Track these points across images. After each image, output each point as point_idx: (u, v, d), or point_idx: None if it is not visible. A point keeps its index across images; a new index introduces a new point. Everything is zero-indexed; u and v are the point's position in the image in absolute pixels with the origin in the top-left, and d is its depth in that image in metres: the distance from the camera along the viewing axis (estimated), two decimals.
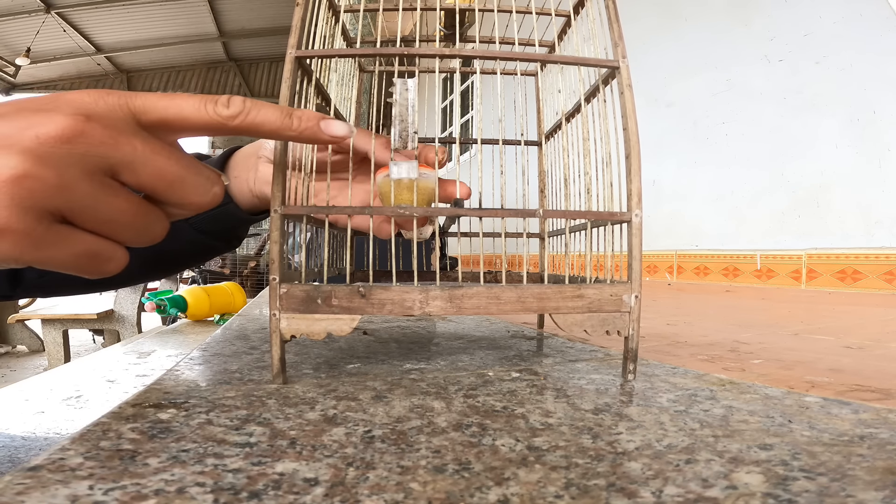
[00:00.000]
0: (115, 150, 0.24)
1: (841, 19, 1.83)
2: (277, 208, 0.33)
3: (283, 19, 7.62)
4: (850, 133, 1.81)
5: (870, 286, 1.70)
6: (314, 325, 0.34)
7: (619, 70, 0.38)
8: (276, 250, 0.34)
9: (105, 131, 0.24)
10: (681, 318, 0.91)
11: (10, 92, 8.09)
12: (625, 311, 0.36)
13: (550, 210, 0.37)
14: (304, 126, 0.30)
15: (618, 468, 0.21)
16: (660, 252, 2.55)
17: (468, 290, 0.34)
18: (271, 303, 0.33)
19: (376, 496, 0.18)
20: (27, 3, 6.33)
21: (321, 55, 0.36)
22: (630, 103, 0.38)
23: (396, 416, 0.29)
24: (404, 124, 0.38)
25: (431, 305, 0.34)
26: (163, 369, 0.40)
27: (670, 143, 2.53)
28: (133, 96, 0.26)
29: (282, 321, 0.33)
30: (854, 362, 0.50)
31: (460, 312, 0.34)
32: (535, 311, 0.36)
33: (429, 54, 0.37)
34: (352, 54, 0.36)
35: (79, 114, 0.24)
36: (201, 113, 0.28)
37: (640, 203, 0.37)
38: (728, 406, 0.31)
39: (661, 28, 2.60)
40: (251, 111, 0.29)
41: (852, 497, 0.18)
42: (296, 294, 0.33)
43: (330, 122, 0.30)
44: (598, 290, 0.36)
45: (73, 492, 0.18)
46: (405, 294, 0.34)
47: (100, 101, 0.25)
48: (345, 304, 0.33)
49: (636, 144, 0.37)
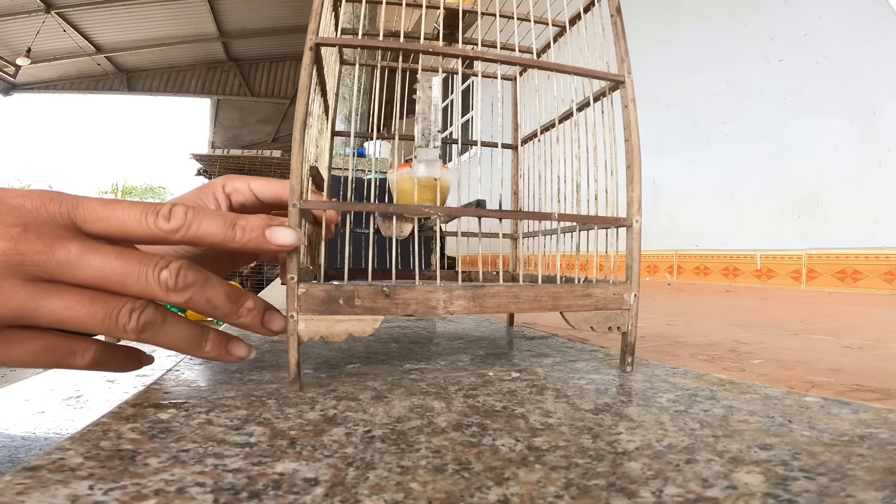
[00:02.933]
0: (49, 257, 0.25)
1: (841, 19, 1.83)
2: (296, 202, 0.32)
3: (282, 19, 7.62)
4: (850, 133, 1.81)
5: (870, 286, 1.70)
6: (335, 326, 0.32)
7: (625, 85, 0.39)
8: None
9: (39, 240, 0.25)
10: (681, 318, 0.91)
11: (10, 92, 8.09)
12: (625, 309, 0.39)
13: (564, 214, 0.39)
14: (247, 237, 0.30)
15: (618, 468, 0.21)
16: (660, 252, 2.55)
17: (489, 289, 0.35)
18: (289, 303, 0.32)
19: (376, 496, 0.18)
20: (27, 3, 6.32)
21: (342, 44, 0.35)
22: (633, 117, 0.39)
23: (396, 416, 0.29)
24: (427, 122, 0.39)
25: (455, 305, 0.34)
26: (163, 369, 0.40)
27: (670, 143, 2.53)
28: (77, 204, 0.27)
29: (300, 323, 0.32)
30: (854, 362, 0.50)
31: (482, 311, 0.35)
32: (550, 310, 0.37)
33: (451, 54, 0.36)
34: (374, 46, 0.35)
35: (16, 225, 0.25)
36: (142, 226, 0.28)
37: (640, 210, 0.39)
38: (728, 406, 0.31)
39: (661, 28, 2.60)
40: (192, 224, 0.29)
41: (852, 497, 0.18)
42: (316, 294, 0.32)
43: (276, 232, 0.30)
44: (604, 289, 0.38)
45: (73, 492, 0.18)
46: (430, 294, 0.33)
47: (41, 208, 0.26)
48: (368, 304, 0.32)
49: (638, 156, 0.39)
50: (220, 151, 5.73)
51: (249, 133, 9.26)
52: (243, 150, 5.55)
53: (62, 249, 0.25)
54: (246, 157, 5.01)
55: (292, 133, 0.32)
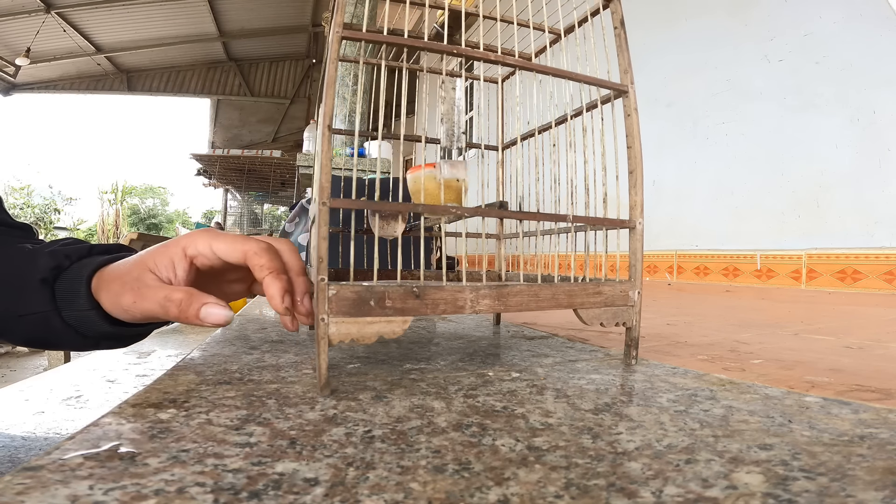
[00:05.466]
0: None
1: (841, 19, 1.83)
2: (326, 201, 0.32)
3: (282, 19, 7.62)
4: (850, 133, 1.81)
5: (870, 286, 1.70)
6: (365, 328, 0.32)
7: (628, 94, 0.41)
8: (324, 247, 0.31)
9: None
10: (681, 318, 0.91)
11: (10, 92, 8.09)
12: (630, 305, 0.41)
13: (579, 216, 0.41)
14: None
15: (618, 468, 0.21)
16: (660, 252, 2.55)
17: (512, 289, 0.36)
18: (319, 306, 0.31)
19: (376, 496, 0.18)
20: (27, 3, 6.32)
21: (366, 38, 0.35)
22: (636, 125, 0.41)
23: (396, 416, 0.29)
24: (451, 124, 0.40)
25: (481, 304, 0.35)
26: (163, 369, 0.40)
27: (670, 143, 2.53)
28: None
29: (331, 326, 0.31)
30: (854, 362, 0.50)
31: (506, 310, 0.36)
32: (565, 307, 0.38)
33: (475, 56, 0.37)
34: (398, 42, 0.35)
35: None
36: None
37: (642, 213, 0.41)
38: (728, 406, 0.31)
39: (661, 28, 2.60)
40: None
41: (852, 497, 0.18)
42: (346, 296, 0.31)
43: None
44: (612, 287, 0.40)
45: (73, 492, 0.18)
46: (457, 294, 0.34)
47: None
48: (398, 305, 0.32)
49: (640, 162, 0.41)
50: (220, 151, 5.73)
51: (249, 133, 9.26)
52: (243, 150, 5.55)
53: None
54: (246, 157, 5.01)
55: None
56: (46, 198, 13.70)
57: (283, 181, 7.29)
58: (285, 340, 0.54)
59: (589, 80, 0.41)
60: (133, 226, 14.78)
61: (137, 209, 16.60)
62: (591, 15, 0.45)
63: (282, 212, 8.95)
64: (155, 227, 15.85)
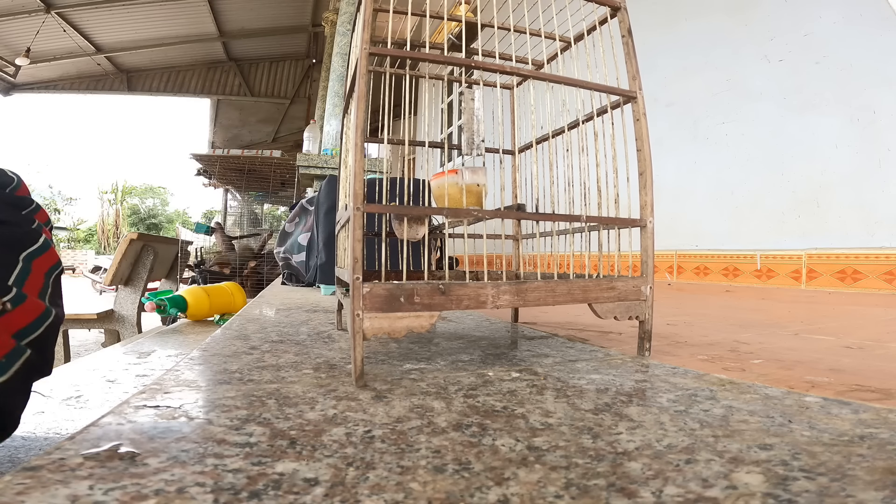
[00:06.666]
0: None
1: (841, 19, 1.83)
2: (360, 206, 0.34)
3: (282, 19, 7.62)
4: (850, 133, 1.81)
5: (870, 286, 1.70)
6: (396, 323, 0.34)
7: (636, 100, 0.43)
8: (358, 249, 0.34)
9: None
10: (681, 318, 0.91)
11: (10, 92, 8.09)
12: (643, 300, 0.43)
13: (592, 216, 0.42)
14: None
15: (618, 468, 0.21)
16: (660, 252, 2.55)
17: (530, 284, 0.38)
18: (354, 303, 0.34)
19: (376, 496, 0.18)
20: (27, 3, 6.32)
21: (392, 54, 0.38)
22: (644, 129, 0.43)
23: (396, 416, 0.29)
24: (471, 132, 0.43)
25: (502, 299, 0.37)
26: (163, 369, 0.40)
27: (670, 143, 2.53)
28: None
29: (365, 321, 0.34)
30: (854, 362, 0.50)
31: (525, 305, 0.38)
32: (581, 302, 0.40)
33: (492, 68, 0.39)
34: (421, 58, 0.38)
35: None
36: None
37: (652, 212, 0.43)
38: (728, 406, 0.31)
39: (661, 28, 2.60)
40: None
41: (852, 497, 0.18)
42: (378, 293, 0.34)
43: None
44: (625, 282, 0.42)
45: (73, 492, 0.18)
46: (480, 290, 0.36)
47: None
48: (426, 301, 0.35)
49: (650, 163, 0.43)
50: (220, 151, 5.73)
51: (249, 133, 9.25)
52: (243, 150, 5.55)
53: None
54: (246, 157, 5.01)
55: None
56: (46, 198, 13.70)
57: (283, 181, 7.28)
58: (285, 340, 0.54)
59: (599, 87, 0.42)
60: (133, 225, 14.77)
61: (137, 209, 16.59)
62: (599, 24, 0.47)
63: (282, 212, 8.94)
64: (155, 227, 15.84)
